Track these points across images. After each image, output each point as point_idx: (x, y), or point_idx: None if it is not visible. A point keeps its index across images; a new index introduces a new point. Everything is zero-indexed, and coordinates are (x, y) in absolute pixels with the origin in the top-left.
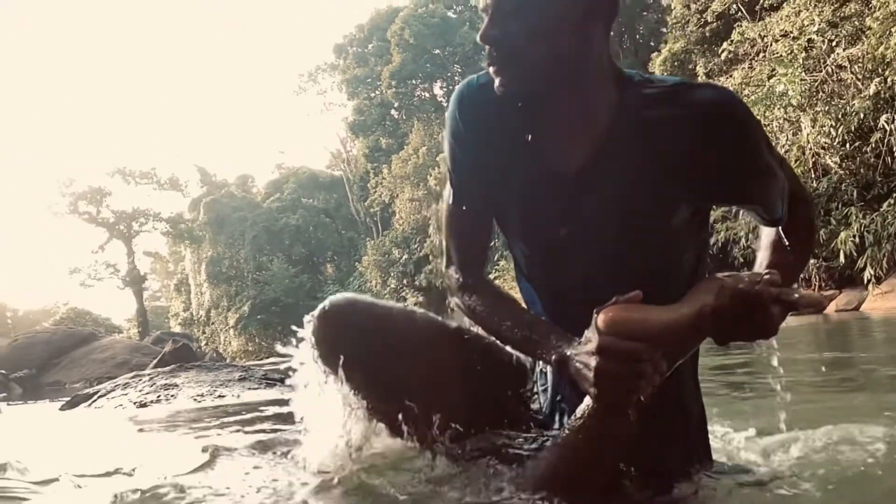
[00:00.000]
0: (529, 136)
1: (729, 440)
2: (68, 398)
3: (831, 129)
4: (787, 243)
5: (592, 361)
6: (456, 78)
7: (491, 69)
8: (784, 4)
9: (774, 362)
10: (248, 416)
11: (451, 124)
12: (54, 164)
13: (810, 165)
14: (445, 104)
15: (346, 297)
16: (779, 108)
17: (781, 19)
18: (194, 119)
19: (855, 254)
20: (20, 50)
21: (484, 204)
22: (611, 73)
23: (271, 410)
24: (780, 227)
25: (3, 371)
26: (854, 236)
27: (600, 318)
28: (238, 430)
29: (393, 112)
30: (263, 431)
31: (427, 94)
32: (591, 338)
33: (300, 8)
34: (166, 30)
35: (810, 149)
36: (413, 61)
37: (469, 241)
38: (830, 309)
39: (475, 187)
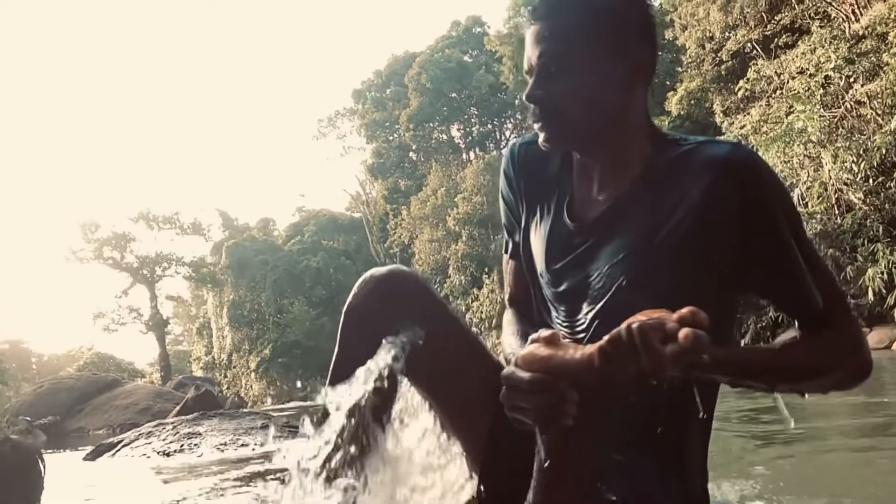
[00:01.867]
0: (559, 190)
1: None
2: (92, 447)
3: (853, 165)
4: (809, 345)
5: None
6: (472, 120)
7: (535, 126)
8: (799, 42)
9: (785, 412)
10: (269, 467)
11: (501, 181)
12: (78, 209)
13: (833, 202)
14: (462, 146)
15: (394, 267)
16: (798, 145)
17: (797, 56)
18: (216, 163)
19: (884, 290)
20: (44, 94)
21: (521, 252)
22: (646, 130)
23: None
24: (808, 330)
25: (27, 418)
26: (882, 273)
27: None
28: (257, 481)
29: (411, 154)
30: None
31: (444, 137)
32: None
33: (321, 54)
34: (189, 75)
35: (832, 185)
36: (430, 105)
37: (515, 282)
38: None
39: (514, 237)
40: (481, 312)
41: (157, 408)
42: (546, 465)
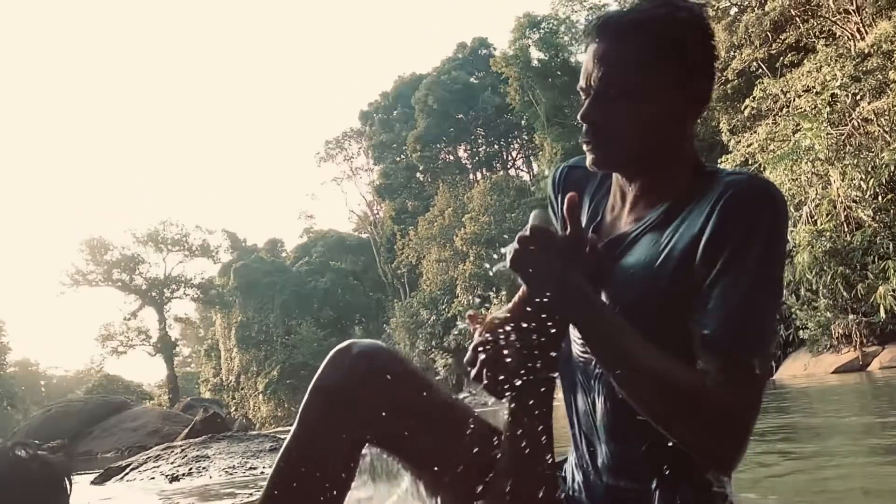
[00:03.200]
0: (592, 211)
1: None
2: (101, 470)
3: (861, 183)
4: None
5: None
6: (479, 140)
7: (585, 147)
8: (805, 60)
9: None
10: None
11: (550, 207)
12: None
13: (842, 219)
14: (469, 166)
15: (367, 342)
16: (806, 163)
17: (803, 75)
18: (225, 185)
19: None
20: (55, 116)
21: None
22: (690, 160)
23: None
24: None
25: (36, 441)
26: (893, 290)
27: None
28: None
29: (418, 175)
30: None
31: (451, 157)
32: None
33: (329, 76)
34: (198, 96)
35: (841, 202)
36: (437, 126)
37: None
38: (874, 366)
39: None
40: None
41: (165, 430)
42: (506, 436)
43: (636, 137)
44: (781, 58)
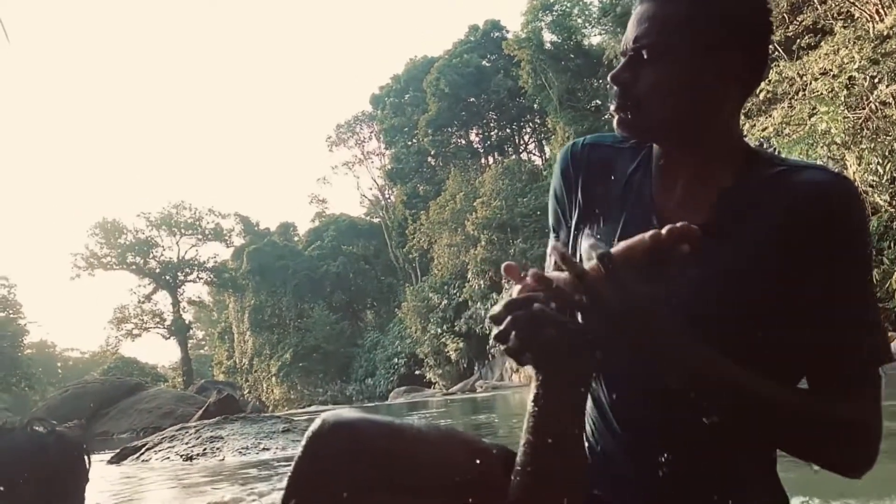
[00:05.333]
0: (636, 192)
1: None
2: (117, 450)
3: (878, 167)
4: (811, 395)
5: None
6: (491, 124)
7: (615, 113)
8: (822, 43)
9: None
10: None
11: (554, 183)
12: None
13: None
14: (481, 150)
15: (341, 413)
16: (822, 147)
17: (820, 58)
18: (237, 169)
19: None
20: (73, 102)
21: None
22: (737, 142)
23: None
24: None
25: (53, 421)
26: None
27: None
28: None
29: (430, 159)
30: None
31: (463, 141)
32: None
33: (340, 60)
34: (210, 81)
35: (858, 187)
36: (449, 109)
37: None
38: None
39: (560, 237)
40: None
41: (179, 412)
42: (534, 411)
43: (664, 103)
44: (798, 40)
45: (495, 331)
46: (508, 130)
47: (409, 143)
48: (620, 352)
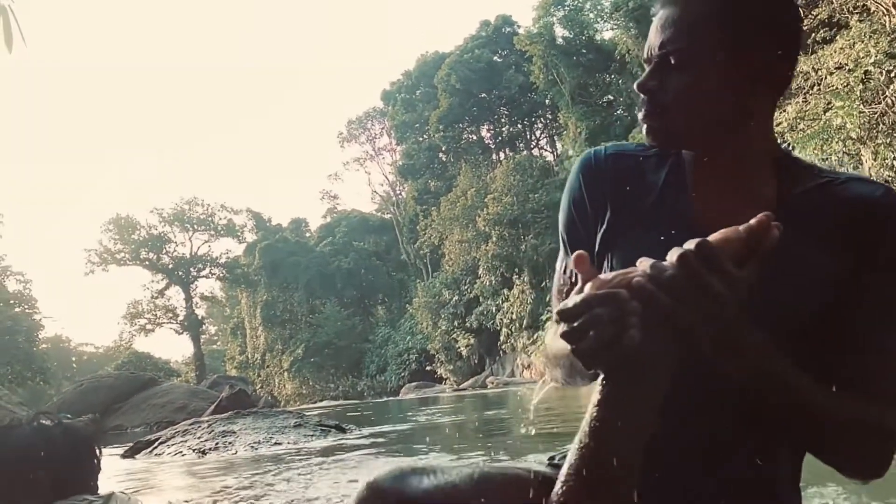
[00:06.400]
0: (671, 202)
1: None
2: (130, 444)
3: (894, 162)
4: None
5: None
6: (502, 120)
7: (643, 121)
8: (837, 37)
9: None
10: (300, 464)
11: (572, 192)
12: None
13: None
14: (492, 146)
15: (385, 479)
16: (837, 142)
17: (835, 52)
18: (249, 165)
19: None
20: (87, 96)
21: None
22: (773, 150)
23: (325, 463)
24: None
25: (68, 415)
26: None
27: None
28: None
29: (441, 155)
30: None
31: (474, 137)
32: None
33: (351, 55)
34: (224, 76)
35: None
36: (460, 105)
37: None
38: None
39: (598, 258)
40: (511, 313)
41: (192, 406)
42: (594, 417)
43: (693, 109)
44: (813, 34)
45: (563, 328)
46: (520, 126)
47: (420, 138)
48: (698, 353)
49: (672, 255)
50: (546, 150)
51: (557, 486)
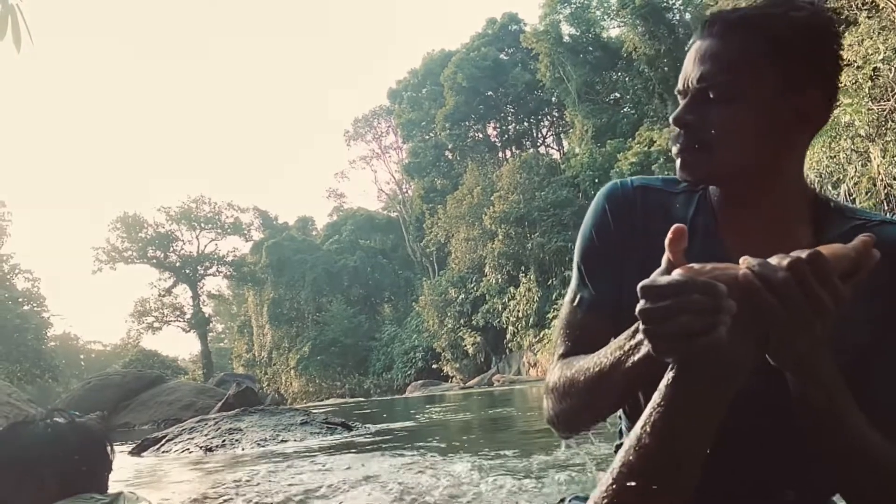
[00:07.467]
0: (703, 239)
1: None
2: (138, 441)
3: None
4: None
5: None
6: (509, 118)
7: (678, 155)
8: (845, 34)
9: None
10: (306, 462)
11: (597, 221)
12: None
13: (883, 197)
14: (498, 144)
15: None
16: (845, 139)
17: (844, 48)
18: (256, 164)
19: None
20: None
21: (612, 308)
22: (804, 189)
23: (331, 460)
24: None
25: (76, 413)
26: None
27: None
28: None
29: (447, 153)
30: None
31: (480, 135)
32: None
33: (358, 54)
34: (230, 75)
35: (882, 180)
36: (466, 103)
37: (583, 337)
38: None
39: (610, 289)
40: (518, 311)
41: (199, 404)
42: (658, 414)
43: (733, 147)
44: None
45: (644, 304)
46: (526, 124)
47: (427, 137)
48: (780, 363)
49: (780, 260)
50: (552, 148)
51: (603, 487)
